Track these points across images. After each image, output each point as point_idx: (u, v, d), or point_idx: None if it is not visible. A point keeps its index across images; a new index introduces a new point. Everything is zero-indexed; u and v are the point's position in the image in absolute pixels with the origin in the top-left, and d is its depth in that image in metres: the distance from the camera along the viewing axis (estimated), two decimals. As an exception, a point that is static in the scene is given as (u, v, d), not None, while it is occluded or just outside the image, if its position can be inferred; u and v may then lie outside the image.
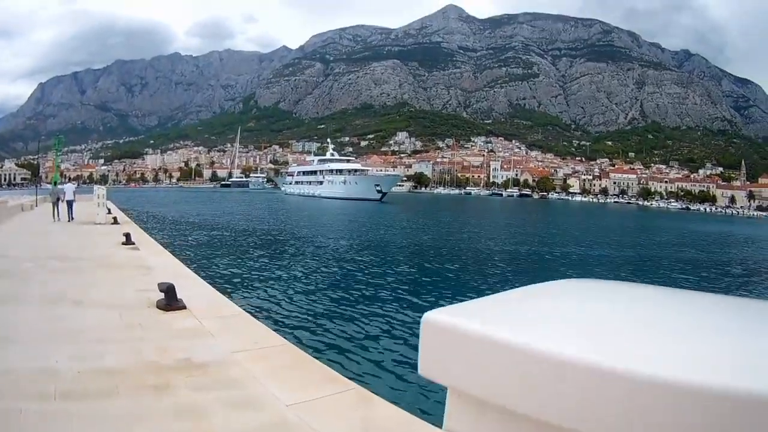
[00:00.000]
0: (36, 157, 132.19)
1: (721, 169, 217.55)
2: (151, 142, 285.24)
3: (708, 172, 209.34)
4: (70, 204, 17.28)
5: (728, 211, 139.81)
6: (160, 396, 3.21)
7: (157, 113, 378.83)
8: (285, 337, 4.98)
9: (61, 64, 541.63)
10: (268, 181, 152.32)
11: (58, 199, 17.72)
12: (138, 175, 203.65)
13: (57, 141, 37.82)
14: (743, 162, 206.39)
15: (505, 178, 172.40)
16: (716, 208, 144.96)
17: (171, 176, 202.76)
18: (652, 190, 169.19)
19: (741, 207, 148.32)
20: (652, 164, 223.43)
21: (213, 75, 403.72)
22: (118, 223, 15.67)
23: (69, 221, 16.48)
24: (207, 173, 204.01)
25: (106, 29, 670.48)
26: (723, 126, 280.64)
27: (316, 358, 4.43)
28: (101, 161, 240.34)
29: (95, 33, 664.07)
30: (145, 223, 22.16)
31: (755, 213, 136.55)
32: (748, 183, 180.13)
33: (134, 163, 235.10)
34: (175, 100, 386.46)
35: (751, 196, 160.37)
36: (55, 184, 24.34)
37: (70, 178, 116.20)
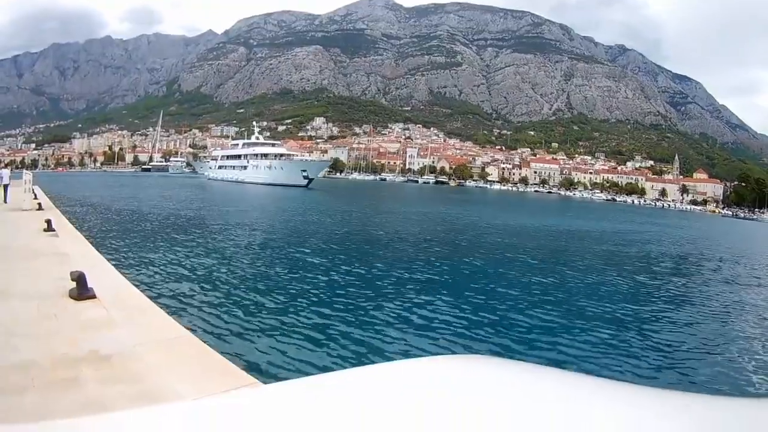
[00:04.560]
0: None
1: (651, 162, 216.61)
2: (79, 126, 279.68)
3: (637, 165, 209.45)
4: (5, 188, 18.39)
5: (659, 204, 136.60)
6: (68, 390, 3.24)
7: (86, 97, 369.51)
8: (190, 328, 5.15)
9: (2, 48, 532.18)
10: (187, 165, 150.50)
11: None
12: (66, 160, 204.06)
13: None
14: (676, 156, 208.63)
15: (421, 165, 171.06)
16: (645, 201, 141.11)
17: (96, 160, 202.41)
18: (576, 180, 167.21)
19: (672, 200, 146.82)
20: (577, 155, 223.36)
21: (140, 59, 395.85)
22: (43, 209, 15.72)
23: (5, 203, 17.50)
24: (129, 157, 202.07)
25: (43, 13, 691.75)
26: (656, 120, 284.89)
27: (220, 350, 4.46)
28: (33, 146, 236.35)
29: (33, 17, 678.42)
30: (67, 209, 22.50)
31: (688, 207, 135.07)
32: (681, 177, 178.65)
33: (62, 147, 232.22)
34: (103, 84, 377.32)
35: (684, 190, 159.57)
36: None
37: (5, 164, 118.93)
